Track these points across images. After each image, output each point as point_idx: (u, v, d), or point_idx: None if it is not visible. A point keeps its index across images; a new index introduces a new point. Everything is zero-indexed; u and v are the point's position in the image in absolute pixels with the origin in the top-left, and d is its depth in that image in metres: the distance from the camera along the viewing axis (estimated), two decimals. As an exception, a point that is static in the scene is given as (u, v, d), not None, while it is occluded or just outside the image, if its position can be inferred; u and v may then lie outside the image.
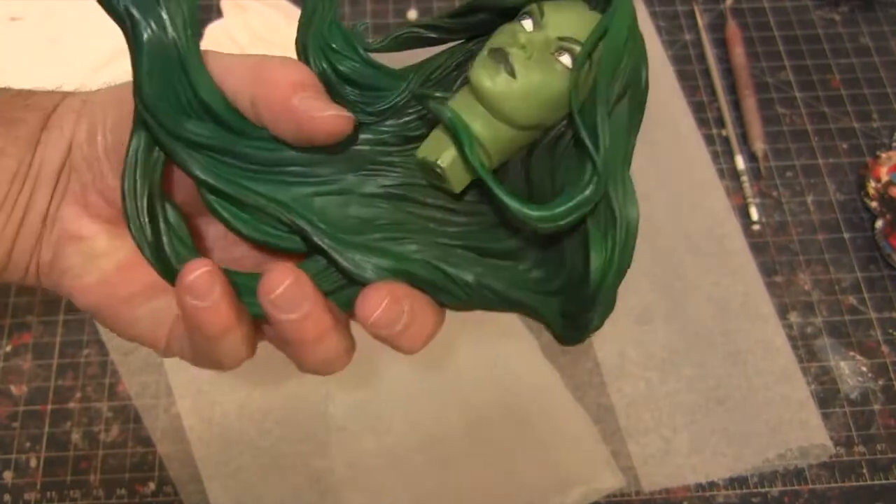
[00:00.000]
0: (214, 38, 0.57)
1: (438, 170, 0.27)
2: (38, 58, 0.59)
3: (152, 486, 0.48)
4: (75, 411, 0.50)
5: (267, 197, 0.28)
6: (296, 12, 0.59)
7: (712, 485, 0.48)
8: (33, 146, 0.29)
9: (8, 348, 0.52)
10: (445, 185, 0.28)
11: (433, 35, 0.29)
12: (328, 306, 0.27)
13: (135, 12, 0.26)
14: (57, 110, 0.30)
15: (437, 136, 0.28)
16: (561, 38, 0.26)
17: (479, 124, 0.26)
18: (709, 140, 0.60)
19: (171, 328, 0.31)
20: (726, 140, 0.60)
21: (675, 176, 0.58)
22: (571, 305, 0.28)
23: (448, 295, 0.28)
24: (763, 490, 0.48)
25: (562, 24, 0.26)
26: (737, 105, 0.61)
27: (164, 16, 0.26)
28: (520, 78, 0.26)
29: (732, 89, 0.62)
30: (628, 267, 0.27)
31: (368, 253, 0.28)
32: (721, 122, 0.61)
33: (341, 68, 0.28)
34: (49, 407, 0.50)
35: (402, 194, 0.29)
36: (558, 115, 0.27)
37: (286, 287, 0.26)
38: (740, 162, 0.59)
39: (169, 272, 0.28)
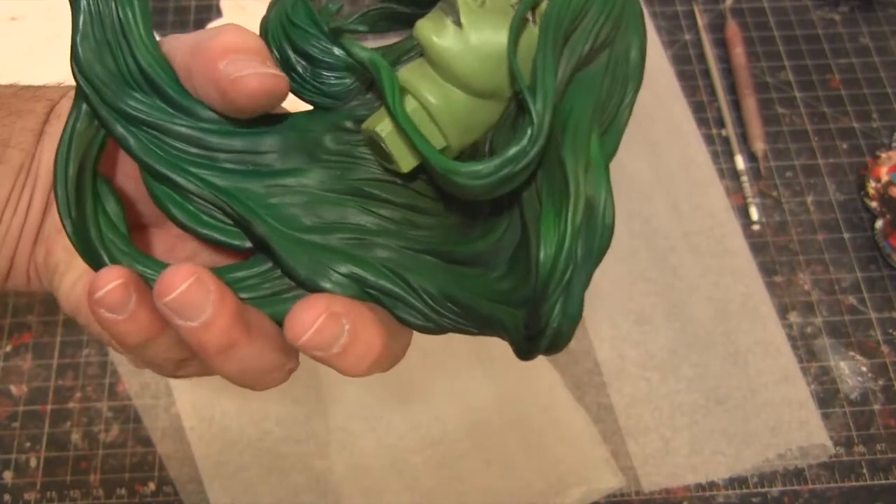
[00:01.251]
0: (214, 38, 0.57)
1: (381, 142, 0.24)
2: (38, 57, 0.59)
3: (152, 486, 0.48)
4: (75, 411, 0.50)
5: (212, 185, 0.24)
6: (296, 12, 0.59)
7: (712, 485, 0.48)
8: (38, 137, 0.28)
9: (8, 348, 0.52)
10: (392, 165, 0.24)
11: (406, 10, 0.25)
12: (246, 317, 0.23)
13: None
14: (62, 101, 0.29)
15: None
16: None
17: (426, 87, 0.23)
18: (709, 140, 0.60)
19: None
20: (726, 140, 0.60)
21: (675, 176, 0.58)
22: (528, 307, 0.23)
23: (407, 308, 0.24)
24: (763, 490, 0.48)
25: None
26: (737, 105, 0.61)
27: None
28: (468, 30, 0.22)
29: (732, 89, 0.62)
30: (592, 261, 0.22)
31: (321, 254, 0.24)
32: (721, 122, 0.61)
33: (300, 45, 0.25)
34: (49, 407, 0.50)
35: (364, 190, 0.25)
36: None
37: (185, 289, 0.21)
38: (740, 162, 0.59)
39: (95, 260, 0.25)
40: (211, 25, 0.59)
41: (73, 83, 0.25)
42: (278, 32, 0.26)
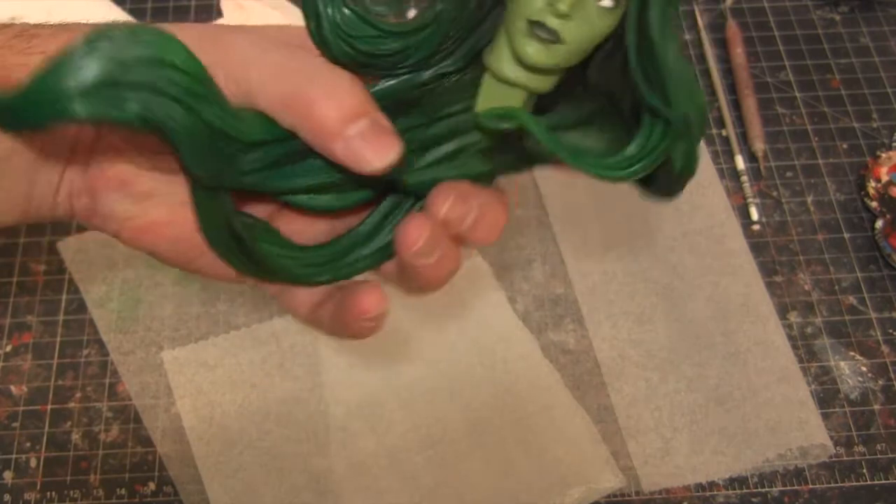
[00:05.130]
0: (214, 38, 0.57)
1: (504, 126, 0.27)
2: (38, 58, 0.59)
3: (152, 486, 0.48)
4: (75, 411, 0.50)
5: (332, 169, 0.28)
6: (296, 12, 0.58)
7: (712, 485, 0.48)
8: None
9: (8, 348, 0.52)
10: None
11: None
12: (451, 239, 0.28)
13: (149, 116, 0.23)
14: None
15: (489, 86, 0.28)
16: None
17: (522, 75, 0.27)
18: (709, 140, 0.60)
19: (320, 302, 0.31)
20: (726, 140, 0.60)
21: (675, 176, 0.58)
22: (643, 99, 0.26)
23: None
24: (763, 490, 0.48)
25: None
26: (737, 105, 0.61)
27: (174, 102, 0.23)
28: (567, 41, 0.25)
29: (732, 89, 0.62)
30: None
31: (434, 171, 0.29)
32: (721, 122, 0.61)
33: (364, 48, 0.27)
34: (49, 407, 0.50)
35: (455, 128, 0.29)
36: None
37: (427, 239, 0.27)
38: (740, 162, 0.59)
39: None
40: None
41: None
42: (340, 44, 0.27)
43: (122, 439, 0.49)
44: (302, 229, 0.31)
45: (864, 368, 0.52)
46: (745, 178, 0.58)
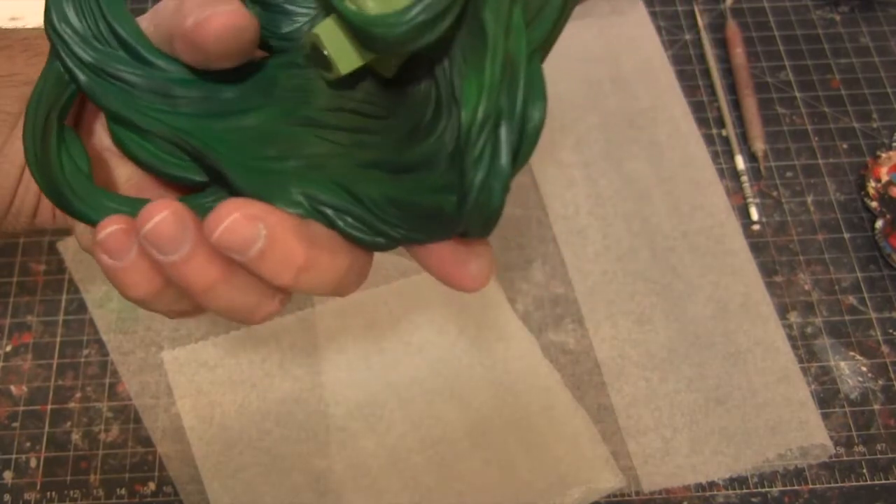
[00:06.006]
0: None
1: (320, 45, 0.25)
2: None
3: (152, 486, 0.48)
4: (75, 411, 0.50)
5: (171, 125, 0.26)
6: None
7: (712, 485, 0.48)
8: None
9: (8, 348, 0.52)
10: (332, 72, 0.25)
11: None
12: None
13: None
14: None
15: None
16: None
17: None
18: (709, 140, 0.60)
19: None
20: (726, 140, 0.60)
21: (675, 176, 0.58)
22: (455, 167, 0.22)
23: (353, 220, 0.24)
24: (763, 490, 0.48)
25: None
26: (737, 105, 0.61)
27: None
28: None
29: (732, 89, 0.62)
30: (517, 118, 0.21)
31: (274, 178, 0.25)
32: (721, 122, 0.61)
33: None
34: (49, 407, 0.50)
35: (316, 119, 0.27)
36: None
37: (161, 220, 0.22)
38: (740, 162, 0.59)
39: (58, 196, 0.26)
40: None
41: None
42: None
43: (122, 439, 0.49)
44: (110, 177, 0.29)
45: (864, 368, 0.52)
46: (745, 178, 0.58)
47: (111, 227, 0.23)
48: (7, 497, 0.48)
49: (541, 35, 0.23)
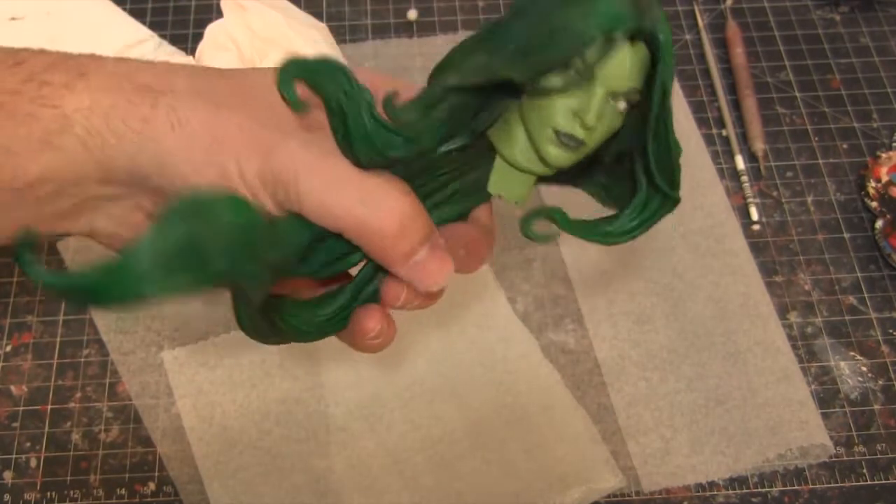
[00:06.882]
0: (214, 38, 0.57)
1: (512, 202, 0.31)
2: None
3: (152, 486, 0.48)
4: (75, 411, 0.50)
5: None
6: (296, 12, 0.58)
7: (712, 485, 0.48)
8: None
9: (8, 348, 0.52)
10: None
11: (466, 99, 0.28)
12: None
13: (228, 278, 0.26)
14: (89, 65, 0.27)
15: (502, 168, 0.31)
16: (617, 93, 0.27)
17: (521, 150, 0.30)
18: (709, 140, 0.60)
19: None
20: (726, 140, 0.60)
21: (675, 176, 0.58)
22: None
23: None
24: (763, 490, 0.48)
25: (612, 76, 0.27)
26: (737, 105, 0.61)
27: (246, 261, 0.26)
28: (590, 145, 0.28)
29: (732, 89, 0.62)
30: None
31: (434, 215, 0.30)
32: (721, 122, 0.61)
33: (393, 155, 0.27)
34: (49, 407, 0.50)
35: (454, 179, 0.31)
36: None
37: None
38: (740, 162, 0.59)
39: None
40: (211, 25, 0.59)
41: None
42: (371, 154, 0.27)
43: (122, 439, 0.49)
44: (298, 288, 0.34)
45: (864, 368, 0.52)
46: (745, 178, 0.58)
47: (375, 328, 0.31)
48: (7, 497, 0.48)
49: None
